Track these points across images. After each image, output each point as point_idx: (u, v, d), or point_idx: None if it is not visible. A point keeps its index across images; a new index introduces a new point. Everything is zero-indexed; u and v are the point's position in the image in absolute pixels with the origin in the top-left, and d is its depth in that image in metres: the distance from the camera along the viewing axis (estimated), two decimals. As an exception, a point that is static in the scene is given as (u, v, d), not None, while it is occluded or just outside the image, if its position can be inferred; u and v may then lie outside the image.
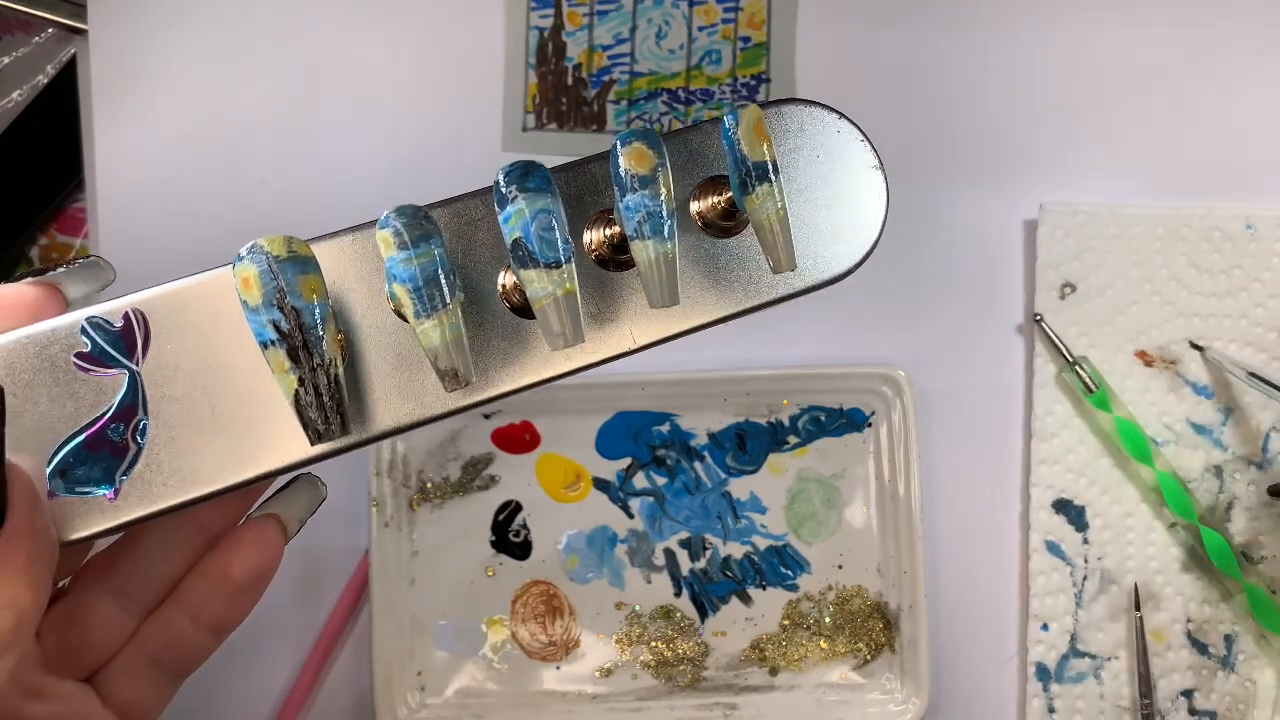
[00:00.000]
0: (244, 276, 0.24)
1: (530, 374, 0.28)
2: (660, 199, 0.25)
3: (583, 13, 0.50)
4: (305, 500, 0.30)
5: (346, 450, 0.27)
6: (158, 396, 0.27)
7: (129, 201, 0.49)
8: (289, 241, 0.24)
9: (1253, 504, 0.46)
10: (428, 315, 0.24)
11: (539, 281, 0.25)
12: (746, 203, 0.26)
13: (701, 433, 0.47)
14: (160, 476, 0.26)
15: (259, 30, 0.50)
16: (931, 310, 0.48)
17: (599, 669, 0.47)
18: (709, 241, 0.29)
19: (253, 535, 0.29)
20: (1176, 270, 0.46)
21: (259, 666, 0.47)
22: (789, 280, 0.29)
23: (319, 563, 0.48)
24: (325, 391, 0.25)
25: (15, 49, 0.52)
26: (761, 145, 0.26)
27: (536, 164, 0.25)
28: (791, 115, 0.30)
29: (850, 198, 0.30)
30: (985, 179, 0.48)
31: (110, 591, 0.28)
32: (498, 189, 0.25)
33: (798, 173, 0.29)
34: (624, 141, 0.26)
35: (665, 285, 0.26)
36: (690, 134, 0.29)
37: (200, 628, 0.28)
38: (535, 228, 0.25)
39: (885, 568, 0.46)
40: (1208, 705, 0.45)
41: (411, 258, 0.24)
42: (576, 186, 0.29)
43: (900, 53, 0.49)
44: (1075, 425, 0.46)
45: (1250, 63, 0.48)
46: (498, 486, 0.47)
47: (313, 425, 0.25)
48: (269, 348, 0.24)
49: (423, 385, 0.27)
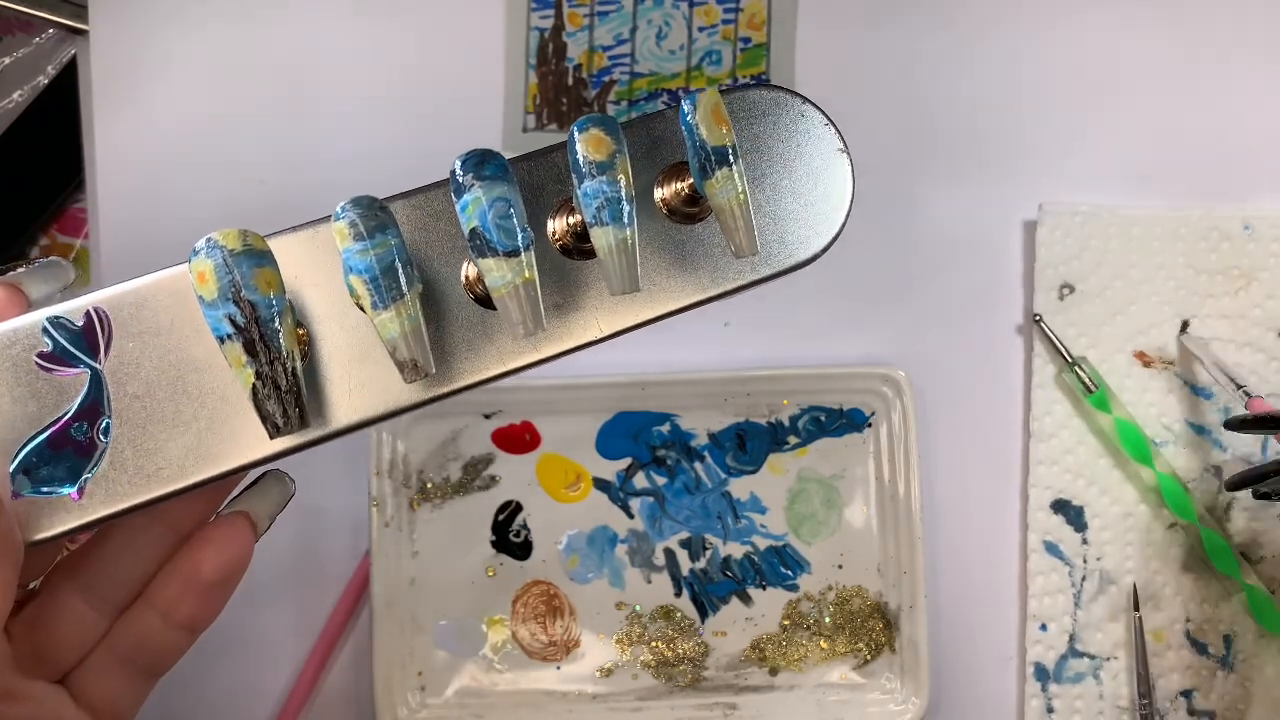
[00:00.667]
0: (199, 271, 0.24)
1: (496, 365, 0.28)
2: (618, 184, 0.25)
3: (583, 13, 0.50)
4: (274, 496, 0.30)
5: (312, 445, 0.27)
6: (121, 395, 0.26)
7: (129, 201, 0.49)
8: (244, 235, 0.24)
9: (1252, 504, 0.46)
10: (385, 306, 0.24)
11: (497, 270, 0.25)
12: (706, 187, 0.26)
13: (702, 433, 0.47)
14: (125, 475, 0.26)
15: (259, 31, 0.50)
16: (931, 310, 0.48)
17: (599, 669, 0.47)
18: (674, 228, 0.29)
19: (222, 533, 0.28)
20: (1174, 271, 0.47)
21: (259, 666, 0.47)
22: (755, 266, 0.29)
23: (319, 563, 0.48)
24: (284, 385, 0.25)
25: (16, 49, 0.52)
26: (720, 129, 0.26)
27: (492, 152, 0.25)
28: (755, 100, 0.29)
29: (816, 182, 0.29)
30: (985, 179, 0.48)
31: (81, 591, 0.28)
32: (454, 178, 0.25)
33: (761, 158, 0.29)
34: (580, 128, 0.25)
35: (624, 272, 0.25)
36: (652, 121, 0.29)
37: (172, 626, 0.28)
38: (492, 216, 0.25)
39: (885, 568, 0.46)
40: (1207, 705, 0.45)
41: (368, 248, 0.24)
42: (540, 176, 0.28)
43: (900, 53, 0.49)
44: (1074, 425, 0.47)
45: (1249, 63, 0.48)
46: (498, 486, 0.47)
47: (271, 419, 0.25)
48: (225, 342, 0.24)
49: (387, 379, 0.27)
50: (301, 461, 0.48)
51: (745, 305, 0.48)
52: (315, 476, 0.48)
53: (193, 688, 0.47)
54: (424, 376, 0.25)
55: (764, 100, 0.29)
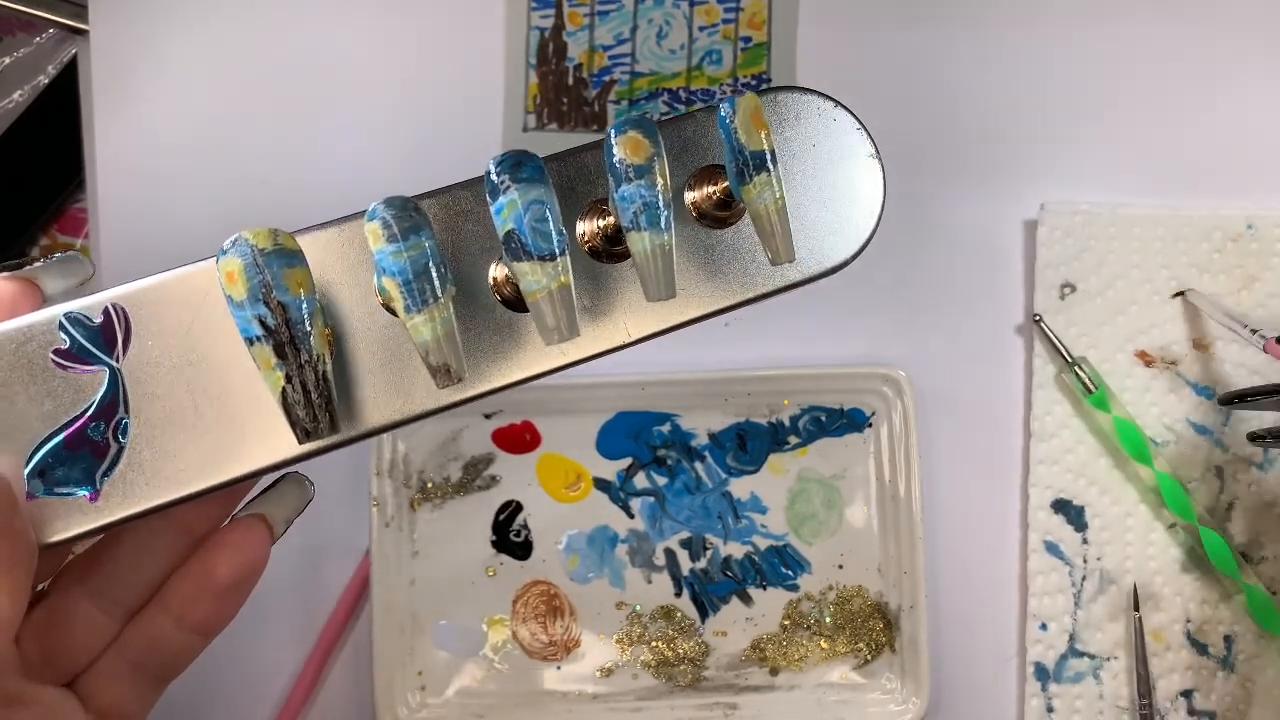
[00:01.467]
0: (228, 270, 0.23)
1: (523, 369, 0.27)
2: (656, 189, 0.25)
3: (583, 13, 0.50)
4: (292, 500, 0.29)
5: (335, 448, 0.27)
6: (139, 394, 0.26)
7: (129, 201, 0.49)
8: (274, 234, 0.24)
9: (1253, 505, 0.46)
10: (418, 310, 0.24)
11: (533, 274, 0.24)
12: (744, 193, 0.26)
13: (702, 433, 0.47)
14: (143, 476, 0.26)
15: (259, 31, 0.50)
16: (931, 310, 0.48)
17: (599, 669, 0.47)
18: (704, 232, 0.28)
19: (238, 536, 0.28)
20: (1177, 270, 0.46)
21: (259, 666, 0.47)
22: (785, 271, 0.28)
23: (319, 563, 0.48)
24: (313, 389, 0.24)
25: (16, 49, 0.52)
26: (760, 134, 0.25)
27: (529, 154, 0.25)
28: (787, 104, 0.29)
29: (846, 187, 0.29)
30: (985, 179, 0.48)
31: (91, 594, 0.27)
32: (489, 179, 0.24)
33: (793, 162, 0.29)
34: (619, 130, 0.25)
35: (662, 277, 0.25)
36: (684, 122, 0.29)
37: (184, 630, 0.28)
38: (529, 219, 0.24)
39: (885, 568, 0.46)
40: (1207, 706, 0.45)
41: (401, 250, 0.24)
42: (569, 177, 0.28)
43: (901, 53, 0.49)
44: (1074, 425, 0.47)
45: (1252, 62, 0.48)
46: (498, 486, 0.47)
47: (301, 424, 0.24)
48: (255, 344, 0.24)
49: (412, 381, 0.27)
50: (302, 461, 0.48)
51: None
52: (315, 476, 0.48)
53: (193, 688, 0.47)
54: (457, 381, 0.24)
55: (797, 103, 0.29)
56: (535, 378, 0.27)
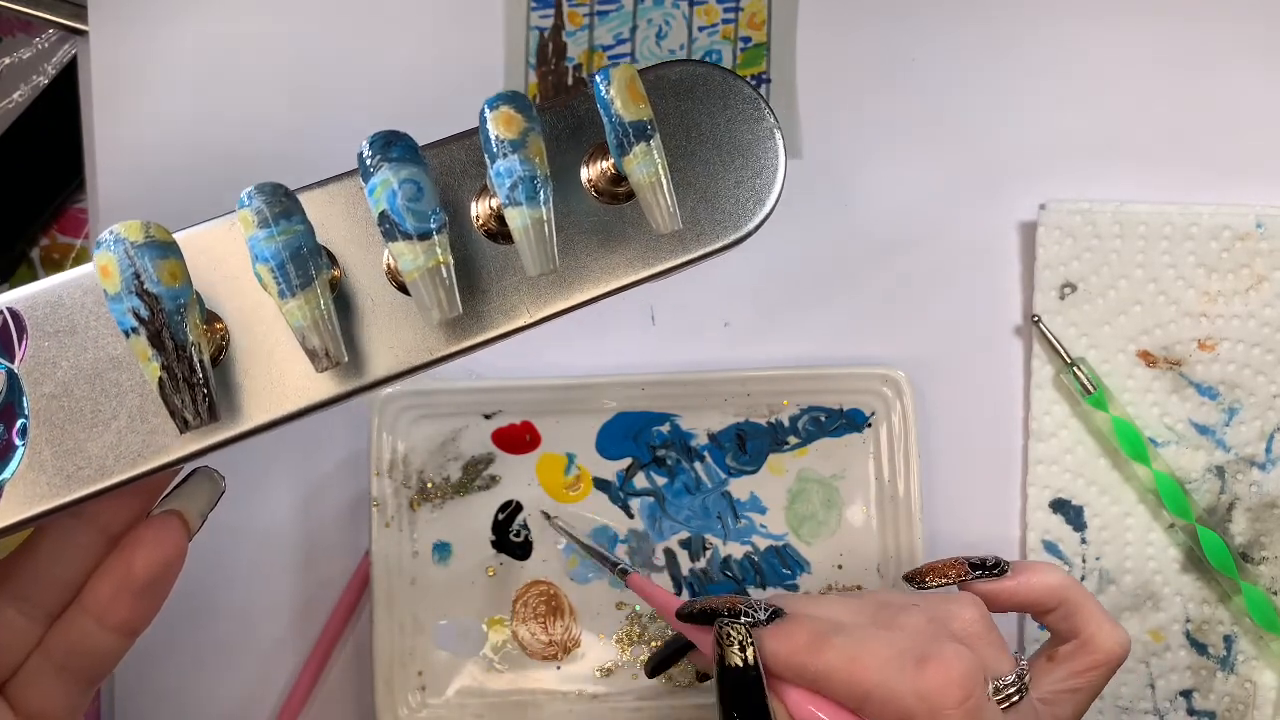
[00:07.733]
0: (102, 264, 0.24)
1: (421, 354, 0.27)
2: (532, 163, 0.24)
3: (583, 13, 0.49)
4: (205, 494, 0.29)
5: (235, 441, 0.27)
6: (38, 395, 0.26)
7: (129, 202, 0.49)
8: (146, 226, 0.24)
9: (1254, 505, 0.46)
10: (292, 294, 0.24)
11: (409, 254, 0.24)
12: (625, 164, 0.25)
13: (702, 433, 0.47)
14: (44, 476, 0.26)
15: (259, 31, 0.50)
16: (931, 310, 0.48)
17: (599, 669, 0.47)
18: (603, 209, 0.28)
19: (154, 533, 0.28)
20: (1184, 269, 0.46)
21: (259, 666, 0.47)
22: (686, 244, 0.28)
23: (319, 563, 0.48)
24: (191, 379, 0.24)
25: (16, 50, 0.52)
26: (636, 104, 0.25)
27: (400, 133, 0.25)
28: (681, 76, 0.29)
29: (746, 160, 0.29)
30: (984, 179, 0.48)
31: (12, 599, 0.27)
32: (361, 161, 0.24)
33: (689, 135, 0.29)
34: (491, 105, 0.25)
35: (538, 251, 0.25)
36: (577, 102, 0.28)
37: (107, 630, 0.28)
38: (401, 198, 0.24)
39: (885, 568, 0.46)
40: (1207, 706, 0.45)
41: (273, 235, 0.24)
42: (462, 159, 0.28)
43: (900, 52, 0.49)
44: (1073, 425, 0.46)
45: (1260, 57, 0.48)
46: (498, 486, 0.47)
47: (179, 413, 0.24)
48: (131, 335, 0.24)
49: (307, 371, 0.27)
50: (302, 461, 0.48)
51: (745, 305, 0.48)
52: (316, 475, 0.48)
53: (193, 688, 0.48)
54: (335, 365, 0.24)
55: (690, 76, 0.29)
56: (435, 362, 0.27)
